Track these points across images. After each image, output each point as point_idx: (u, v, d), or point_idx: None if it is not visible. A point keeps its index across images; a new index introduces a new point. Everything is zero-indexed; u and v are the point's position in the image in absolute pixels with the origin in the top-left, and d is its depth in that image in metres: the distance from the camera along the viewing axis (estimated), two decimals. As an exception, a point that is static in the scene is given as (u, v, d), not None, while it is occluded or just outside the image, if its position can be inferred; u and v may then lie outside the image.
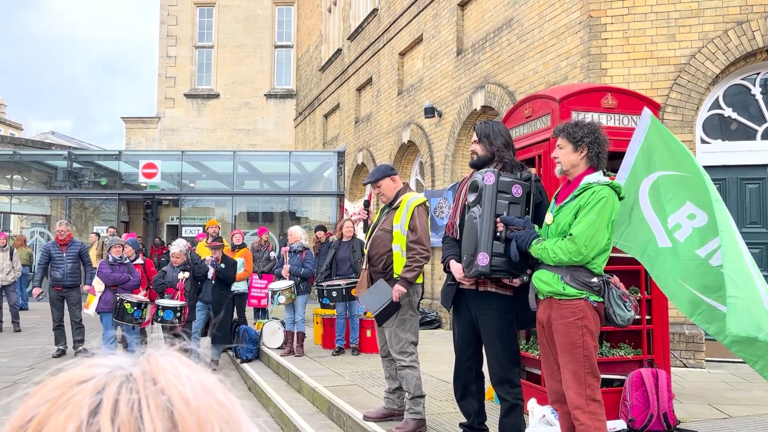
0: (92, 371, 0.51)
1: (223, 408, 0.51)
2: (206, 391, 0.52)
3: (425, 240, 4.58)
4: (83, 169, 18.49)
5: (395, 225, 4.64)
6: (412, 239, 4.55)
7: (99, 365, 0.52)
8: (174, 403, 0.49)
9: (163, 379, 0.51)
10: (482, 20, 9.99)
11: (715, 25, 7.13)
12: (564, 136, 3.37)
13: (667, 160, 3.84)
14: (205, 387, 0.52)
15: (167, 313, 6.95)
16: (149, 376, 0.51)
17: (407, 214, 4.61)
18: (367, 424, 4.76)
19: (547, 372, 3.49)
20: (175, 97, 23.29)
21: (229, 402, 0.53)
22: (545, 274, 3.30)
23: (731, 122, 7.48)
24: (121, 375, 0.50)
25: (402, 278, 4.50)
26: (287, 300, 7.96)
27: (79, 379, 0.51)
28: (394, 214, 4.70)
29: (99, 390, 0.49)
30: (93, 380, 0.50)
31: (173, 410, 0.48)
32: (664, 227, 3.83)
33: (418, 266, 4.52)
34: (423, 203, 4.70)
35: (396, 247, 4.60)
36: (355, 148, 15.87)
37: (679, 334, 6.79)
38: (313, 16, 20.82)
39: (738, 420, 4.73)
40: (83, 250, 8.87)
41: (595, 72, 7.27)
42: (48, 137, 36.69)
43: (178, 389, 0.50)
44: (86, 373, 0.51)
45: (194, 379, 0.52)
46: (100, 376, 0.50)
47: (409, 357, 4.61)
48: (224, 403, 0.52)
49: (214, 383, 0.54)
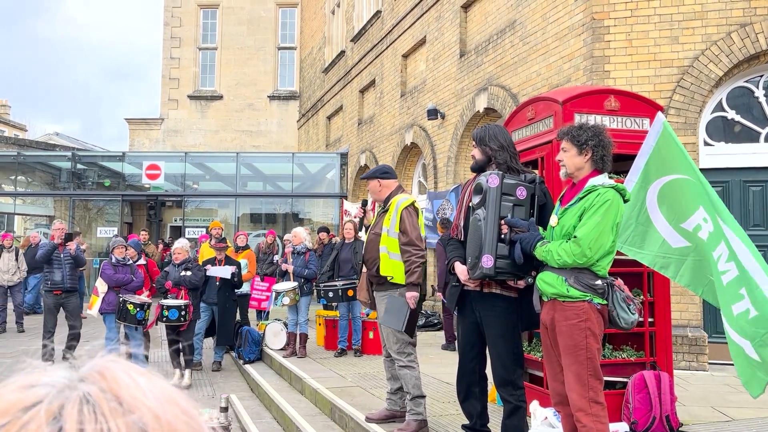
0: (36, 392, 0.44)
1: (188, 416, 0.48)
2: (170, 401, 0.48)
3: (417, 240, 4.62)
4: (87, 170, 18.55)
5: (384, 228, 4.70)
6: (404, 241, 4.60)
7: (40, 383, 0.45)
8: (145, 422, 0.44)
9: (126, 395, 0.45)
10: (485, 22, 10.00)
11: (719, 28, 7.13)
12: (568, 139, 3.37)
13: (680, 164, 3.83)
14: (167, 396, 0.48)
15: (172, 312, 6.96)
16: (110, 394, 0.45)
17: (396, 217, 4.66)
18: (370, 426, 4.77)
19: (550, 374, 3.49)
20: (179, 99, 23.35)
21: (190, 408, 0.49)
22: (549, 276, 3.31)
23: (734, 125, 7.48)
24: (77, 396, 0.44)
25: (408, 284, 4.56)
26: (291, 301, 7.98)
27: (24, 402, 0.44)
28: (384, 217, 4.75)
29: (55, 416, 0.43)
30: (43, 404, 0.44)
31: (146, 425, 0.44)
32: (677, 228, 3.83)
33: (416, 267, 4.57)
34: (411, 204, 4.74)
35: (382, 248, 4.65)
36: (358, 149, 15.89)
37: (682, 336, 6.78)
38: (316, 18, 20.86)
39: (740, 423, 4.73)
40: (78, 252, 8.34)
41: (598, 74, 7.27)
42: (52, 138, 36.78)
43: (146, 404, 0.45)
44: (30, 395, 0.44)
45: (155, 389, 0.48)
46: (50, 398, 0.44)
47: (407, 357, 4.63)
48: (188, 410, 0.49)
49: (173, 390, 0.50)
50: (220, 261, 7.95)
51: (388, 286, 4.67)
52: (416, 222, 4.69)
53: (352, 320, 8.11)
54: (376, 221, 4.87)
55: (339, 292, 7.70)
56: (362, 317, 8.16)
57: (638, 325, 3.54)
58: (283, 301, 7.94)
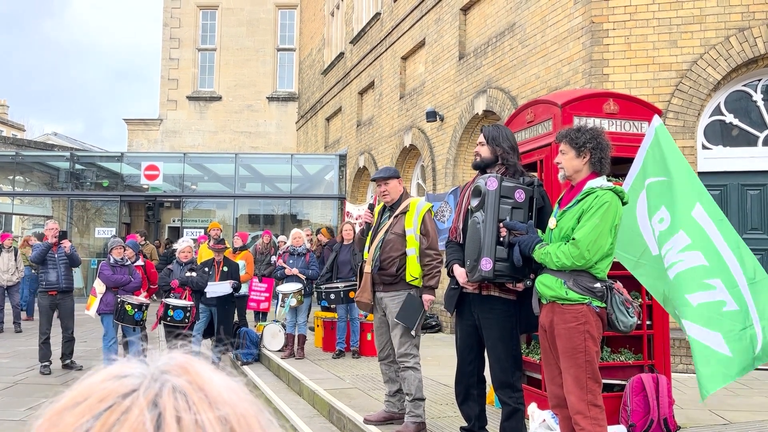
0: (131, 381, 0.49)
1: (255, 406, 0.51)
2: (243, 398, 0.51)
3: (437, 245, 4.73)
4: (85, 171, 18.53)
5: (408, 229, 4.70)
6: (425, 245, 4.65)
7: (131, 374, 0.49)
8: (229, 417, 0.48)
9: (210, 389, 0.49)
10: (484, 25, 10.02)
11: (717, 32, 7.15)
12: (567, 141, 3.38)
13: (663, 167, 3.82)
14: (237, 390, 0.51)
15: (177, 312, 6.93)
16: (196, 386, 0.49)
17: (419, 218, 4.69)
18: (368, 428, 4.77)
19: (549, 376, 3.49)
20: (178, 100, 23.34)
21: (258, 404, 0.52)
22: (548, 278, 3.32)
23: (732, 128, 7.50)
24: (170, 386, 0.48)
25: (426, 287, 4.63)
26: (298, 303, 7.98)
27: (121, 390, 0.48)
28: (404, 218, 4.75)
29: (153, 402, 0.47)
30: (140, 391, 0.48)
31: (230, 420, 0.48)
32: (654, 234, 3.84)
33: (437, 272, 4.66)
34: (429, 209, 4.83)
35: (410, 251, 4.67)
36: (356, 151, 15.90)
37: (680, 339, 6.79)
38: (315, 20, 20.87)
39: (738, 426, 4.73)
40: (73, 251, 8.11)
41: (597, 77, 7.28)
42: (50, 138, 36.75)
43: (227, 400, 0.49)
44: (125, 383, 0.48)
45: (230, 386, 0.51)
46: (145, 386, 0.48)
47: (413, 359, 4.64)
48: (254, 401, 0.52)
49: (238, 384, 0.53)
50: (218, 262, 7.95)
51: (401, 286, 4.68)
52: (434, 227, 4.81)
53: (350, 322, 8.10)
54: (394, 222, 4.80)
55: (341, 293, 7.70)
56: (360, 318, 8.16)
57: (637, 328, 3.54)
58: (290, 304, 7.93)
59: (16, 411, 5.90)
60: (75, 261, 8.09)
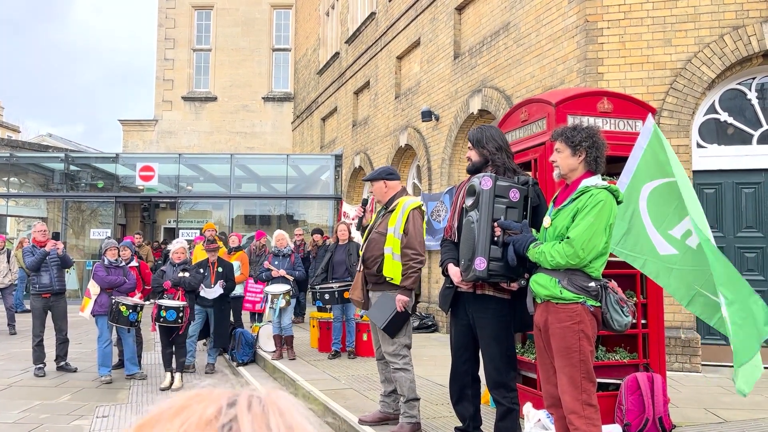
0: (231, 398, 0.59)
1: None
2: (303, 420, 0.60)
3: (417, 244, 4.56)
4: (80, 172, 18.45)
5: (389, 228, 4.64)
6: (405, 243, 4.54)
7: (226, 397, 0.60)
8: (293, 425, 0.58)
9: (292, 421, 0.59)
10: (479, 24, 10.01)
11: (711, 30, 7.15)
12: (562, 140, 3.37)
13: (668, 168, 3.83)
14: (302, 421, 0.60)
15: (170, 313, 6.90)
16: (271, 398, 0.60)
17: (402, 217, 4.60)
18: (363, 428, 4.75)
19: (544, 376, 3.48)
20: (173, 100, 23.28)
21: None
22: (543, 277, 3.30)
23: (727, 127, 7.50)
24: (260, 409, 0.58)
25: (401, 287, 4.51)
26: (286, 304, 7.97)
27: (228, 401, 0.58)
28: (389, 217, 4.69)
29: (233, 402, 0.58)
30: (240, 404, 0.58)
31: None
32: (664, 234, 3.83)
33: (413, 272, 4.51)
34: (419, 207, 4.69)
35: (387, 249, 4.60)
36: (352, 151, 15.88)
37: (675, 338, 6.80)
38: (311, 20, 20.85)
39: (733, 424, 4.73)
40: (65, 252, 7.98)
41: (592, 76, 7.28)
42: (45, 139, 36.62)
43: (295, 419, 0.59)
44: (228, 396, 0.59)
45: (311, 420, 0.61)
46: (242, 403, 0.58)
47: (403, 360, 4.61)
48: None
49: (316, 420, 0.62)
50: (213, 263, 7.91)
51: (386, 286, 4.63)
52: (420, 226, 4.63)
53: (346, 322, 8.09)
54: (379, 221, 4.80)
55: (335, 294, 7.69)
56: (356, 319, 8.14)
57: (631, 327, 3.53)
58: (280, 304, 7.91)
59: (11, 413, 5.87)
60: (67, 262, 8.02)
